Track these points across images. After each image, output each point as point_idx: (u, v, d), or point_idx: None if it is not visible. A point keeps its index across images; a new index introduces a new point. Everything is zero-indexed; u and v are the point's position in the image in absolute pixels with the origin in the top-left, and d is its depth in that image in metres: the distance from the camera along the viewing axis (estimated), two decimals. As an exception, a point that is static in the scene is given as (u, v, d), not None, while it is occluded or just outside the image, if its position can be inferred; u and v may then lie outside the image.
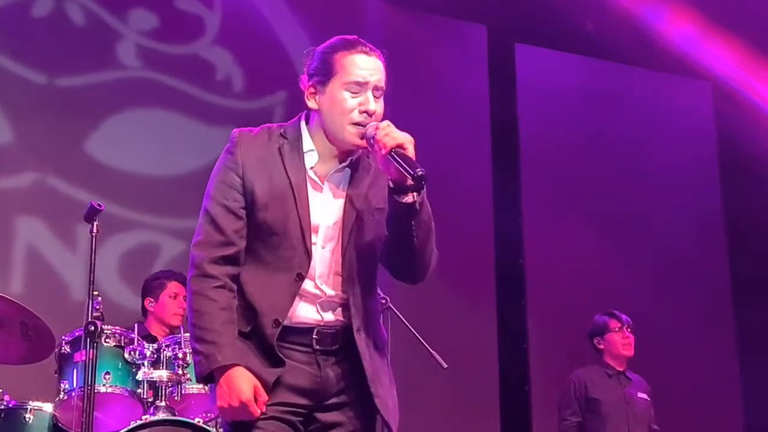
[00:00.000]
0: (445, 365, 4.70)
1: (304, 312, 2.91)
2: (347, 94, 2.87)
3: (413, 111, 7.88)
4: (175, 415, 4.52)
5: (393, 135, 2.83)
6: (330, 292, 2.91)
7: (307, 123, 2.98)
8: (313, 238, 2.89)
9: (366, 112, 2.87)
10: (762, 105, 8.64)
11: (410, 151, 2.82)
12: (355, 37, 2.98)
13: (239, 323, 2.87)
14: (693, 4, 8.15)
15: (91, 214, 4.03)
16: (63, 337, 4.63)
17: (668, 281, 8.34)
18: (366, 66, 2.90)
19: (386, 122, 2.88)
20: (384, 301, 4.77)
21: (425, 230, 2.88)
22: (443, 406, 7.25)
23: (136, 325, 4.86)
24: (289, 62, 7.54)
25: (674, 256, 8.43)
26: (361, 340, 2.89)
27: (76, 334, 4.56)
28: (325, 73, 2.90)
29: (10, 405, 4.62)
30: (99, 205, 4.01)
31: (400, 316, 4.80)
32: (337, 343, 2.90)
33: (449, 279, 7.50)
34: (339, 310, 2.92)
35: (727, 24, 8.20)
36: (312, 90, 2.93)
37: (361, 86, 2.88)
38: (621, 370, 6.22)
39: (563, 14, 8.03)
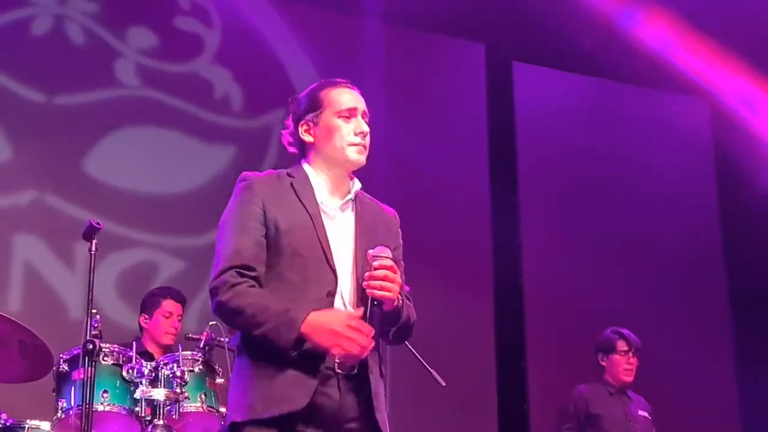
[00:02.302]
0: (444, 383, 4.68)
1: None
2: (341, 121, 3.19)
3: (412, 129, 7.93)
4: (173, 433, 4.51)
5: (385, 287, 2.98)
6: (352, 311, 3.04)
7: (305, 162, 3.25)
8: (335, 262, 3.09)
9: (361, 133, 3.19)
10: (760, 123, 8.65)
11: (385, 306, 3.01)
12: (336, 78, 3.31)
13: None
14: (691, 24, 8.17)
15: (90, 233, 4.01)
16: (61, 356, 4.61)
17: (666, 298, 8.34)
18: (353, 96, 3.24)
19: (388, 262, 3.02)
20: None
21: (403, 334, 3.19)
22: (442, 423, 7.23)
23: (134, 342, 4.85)
24: (288, 81, 7.56)
25: (672, 272, 8.43)
26: (372, 359, 3.03)
27: (74, 352, 4.55)
28: (315, 108, 3.22)
29: (8, 424, 4.60)
30: (98, 224, 3.99)
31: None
32: (355, 368, 3.00)
33: (448, 297, 7.49)
34: None
35: (726, 43, 8.22)
36: (305, 127, 3.23)
37: (351, 113, 3.20)
38: (621, 388, 6.22)
39: (561, 33, 8.05)
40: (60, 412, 4.53)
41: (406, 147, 7.84)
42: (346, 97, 3.22)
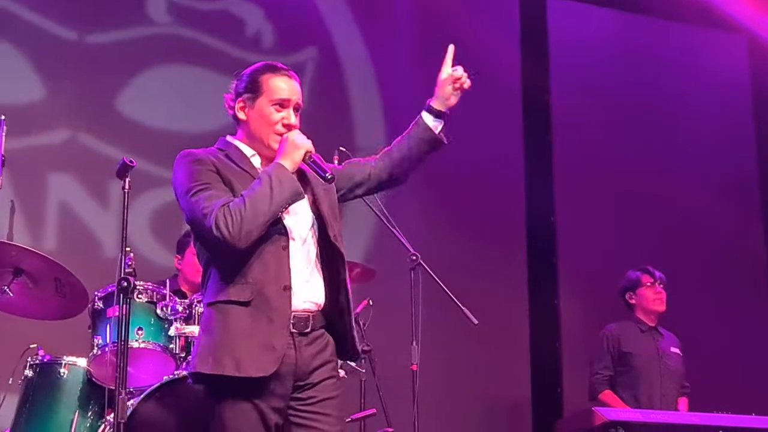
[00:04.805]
0: (476, 321, 4.69)
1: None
2: (273, 109, 3.37)
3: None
4: (207, 370, 4.54)
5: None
6: (307, 263, 3.28)
7: (234, 138, 3.45)
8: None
9: (288, 125, 3.36)
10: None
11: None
12: (279, 63, 3.47)
13: (236, 293, 3.16)
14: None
15: (123, 171, 4.02)
16: (96, 293, 4.66)
17: (700, 242, 8.26)
18: (289, 87, 3.39)
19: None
20: (414, 257, 4.77)
21: None
22: (474, 361, 7.26)
23: (168, 280, 4.88)
24: (320, 18, 7.50)
25: (707, 216, 8.32)
26: (344, 300, 3.33)
27: (109, 290, 4.58)
28: (254, 91, 3.38)
29: (45, 360, 4.68)
30: (131, 162, 4.00)
31: (431, 272, 4.80)
32: (308, 327, 3.24)
33: (480, 238, 7.48)
34: (314, 291, 3.28)
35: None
36: (241, 104, 3.40)
37: (285, 103, 3.37)
38: (653, 326, 6.22)
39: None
40: (96, 348, 4.58)
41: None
42: (283, 87, 3.37)
